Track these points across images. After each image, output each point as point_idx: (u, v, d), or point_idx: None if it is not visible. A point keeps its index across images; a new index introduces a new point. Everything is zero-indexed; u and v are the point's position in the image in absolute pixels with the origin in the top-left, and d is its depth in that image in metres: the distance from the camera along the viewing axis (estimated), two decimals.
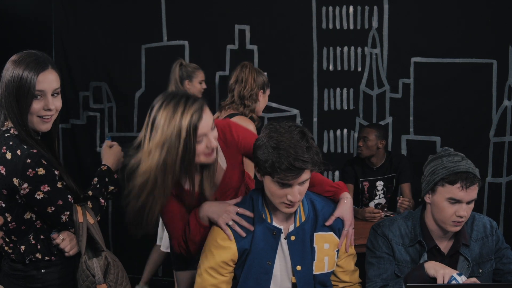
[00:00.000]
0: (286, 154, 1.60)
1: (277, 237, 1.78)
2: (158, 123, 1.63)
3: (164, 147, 1.62)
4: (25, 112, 1.64)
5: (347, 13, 3.77)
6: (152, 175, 1.65)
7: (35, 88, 1.64)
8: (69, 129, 4.04)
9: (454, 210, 1.78)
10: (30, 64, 1.64)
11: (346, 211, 1.85)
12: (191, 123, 1.62)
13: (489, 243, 1.90)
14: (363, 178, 3.56)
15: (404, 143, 3.84)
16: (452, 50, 3.70)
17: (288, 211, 1.73)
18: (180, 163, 1.66)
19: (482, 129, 3.75)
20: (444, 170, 1.78)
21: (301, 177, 1.64)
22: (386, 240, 1.90)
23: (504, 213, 3.80)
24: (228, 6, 3.83)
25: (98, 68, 3.97)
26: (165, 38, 3.89)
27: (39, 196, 1.64)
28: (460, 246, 1.85)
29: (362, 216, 3.19)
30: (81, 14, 3.93)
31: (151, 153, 1.64)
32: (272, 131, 1.67)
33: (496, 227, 1.94)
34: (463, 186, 1.75)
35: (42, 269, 1.72)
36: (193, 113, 1.63)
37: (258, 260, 1.77)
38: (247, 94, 2.79)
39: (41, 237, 1.73)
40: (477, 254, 1.88)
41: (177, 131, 1.61)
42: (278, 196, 1.68)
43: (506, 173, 3.77)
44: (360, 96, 3.84)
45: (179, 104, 1.63)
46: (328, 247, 1.82)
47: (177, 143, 1.62)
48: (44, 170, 1.63)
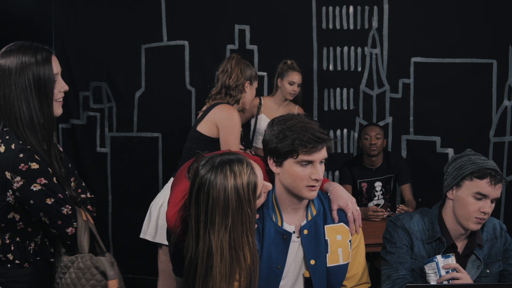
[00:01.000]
0: (305, 129, 1.64)
1: (288, 240, 1.76)
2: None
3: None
4: (49, 102, 1.63)
5: (347, 13, 3.77)
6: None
7: (53, 72, 1.64)
8: (69, 129, 4.04)
9: (479, 206, 1.79)
10: (35, 50, 1.64)
11: (339, 199, 1.84)
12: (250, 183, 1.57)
13: (498, 244, 1.91)
14: (361, 179, 3.56)
15: (404, 143, 3.84)
16: (452, 50, 3.70)
17: (313, 195, 1.71)
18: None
19: (482, 129, 3.75)
20: (473, 165, 1.82)
21: (323, 152, 1.67)
22: (406, 233, 1.91)
23: (504, 213, 3.80)
24: (228, 6, 3.83)
25: (98, 68, 3.96)
26: (165, 38, 3.89)
27: (36, 188, 1.57)
28: (475, 246, 1.87)
29: (365, 215, 3.17)
30: (81, 14, 3.93)
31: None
32: (277, 120, 1.71)
33: (505, 229, 1.95)
34: (492, 182, 1.78)
35: (9, 264, 1.64)
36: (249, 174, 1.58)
37: (268, 264, 1.75)
38: (232, 84, 2.79)
39: (16, 239, 1.64)
40: (486, 254, 1.89)
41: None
42: (302, 178, 1.67)
43: (506, 173, 3.77)
44: (360, 96, 3.84)
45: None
46: (341, 238, 1.81)
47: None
48: (38, 164, 1.57)
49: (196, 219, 1.56)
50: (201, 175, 1.55)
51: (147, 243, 2.87)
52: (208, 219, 1.53)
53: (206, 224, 1.54)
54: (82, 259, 1.65)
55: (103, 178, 4.04)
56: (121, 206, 4.03)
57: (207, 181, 1.53)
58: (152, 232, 2.78)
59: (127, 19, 3.89)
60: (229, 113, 2.72)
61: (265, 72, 3.86)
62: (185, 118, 3.90)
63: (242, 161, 1.57)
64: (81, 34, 3.93)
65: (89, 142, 4.03)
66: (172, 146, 3.92)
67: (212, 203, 1.52)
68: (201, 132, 2.74)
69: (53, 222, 1.63)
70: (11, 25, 3.86)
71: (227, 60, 2.90)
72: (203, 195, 1.53)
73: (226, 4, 3.83)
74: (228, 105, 2.78)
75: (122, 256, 4.05)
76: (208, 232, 1.53)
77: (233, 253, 1.54)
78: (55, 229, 1.65)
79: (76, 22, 3.93)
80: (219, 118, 2.71)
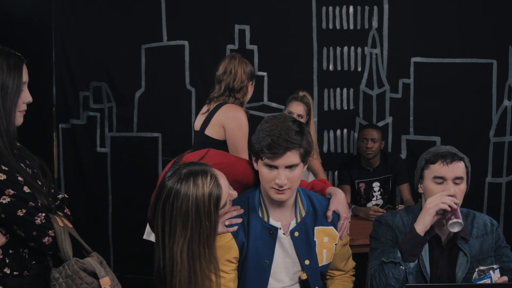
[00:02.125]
0: (275, 134, 1.67)
1: (274, 235, 1.79)
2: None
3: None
4: (12, 110, 1.57)
5: (347, 13, 3.77)
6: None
7: (22, 80, 1.58)
8: (69, 129, 4.04)
9: (442, 190, 1.82)
10: (7, 55, 1.58)
11: (340, 204, 1.89)
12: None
13: (489, 240, 1.91)
14: (359, 179, 3.56)
15: (404, 143, 3.84)
16: (452, 50, 3.70)
17: (278, 198, 1.74)
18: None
19: (482, 129, 3.75)
20: (427, 154, 1.90)
21: (287, 158, 1.67)
22: (390, 229, 1.94)
23: (504, 213, 3.80)
24: (228, 6, 3.82)
25: (98, 68, 3.96)
26: (165, 38, 3.89)
27: (5, 201, 1.50)
28: (458, 238, 1.87)
29: (365, 214, 3.17)
30: (81, 14, 3.93)
31: None
32: (269, 118, 1.75)
33: (497, 225, 1.96)
34: (444, 163, 1.82)
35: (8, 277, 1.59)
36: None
37: (256, 259, 1.78)
38: (237, 87, 2.68)
39: (9, 252, 1.59)
40: (477, 251, 1.89)
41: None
42: (267, 180, 1.72)
43: (506, 173, 3.77)
44: (360, 96, 3.84)
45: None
46: (328, 240, 1.85)
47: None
48: (5, 175, 1.51)
49: (162, 229, 1.60)
50: (168, 187, 1.59)
51: (147, 243, 2.87)
52: (172, 229, 1.58)
53: (170, 234, 1.59)
54: (68, 266, 1.61)
55: (103, 178, 4.04)
56: (121, 206, 4.03)
57: (173, 192, 1.58)
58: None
59: (127, 19, 3.89)
60: (235, 112, 2.60)
61: (265, 72, 3.86)
62: (185, 118, 3.90)
63: (207, 173, 1.61)
64: (81, 34, 3.93)
65: (89, 142, 4.03)
66: (172, 146, 3.92)
67: (175, 214, 1.57)
68: (210, 136, 2.62)
69: (28, 234, 1.57)
70: (11, 25, 3.87)
71: (228, 59, 2.76)
72: (168, 205, 1.58)
73: (226, 4, 3.83)
74: (233, 105, 2.66)
75: (122, 256, 4.06)
76: (172, 242, 1.58)
77: (191, 263, 1.59)
78: (32, 242, 1.59)
79: (76, 22, 3.93)
80: (225, 119, 2.59)
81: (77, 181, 4.08)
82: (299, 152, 1.69)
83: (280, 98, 3.84)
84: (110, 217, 4.07)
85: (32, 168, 1.66)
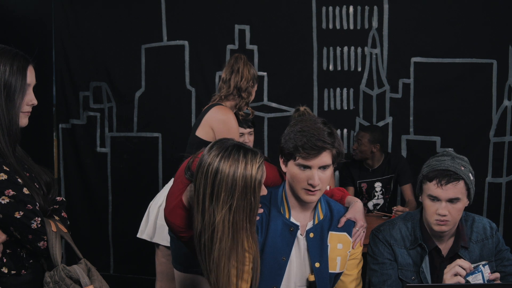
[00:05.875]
0: (309, 135, 1.68)
1: (294, 233, 1.80)
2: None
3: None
4: (16, 111, 1.58)
5: (347, 13, 3.77)
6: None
7: (26, 82, 1.58)
8: (69, 129, 4.05)
9: (435, 209, 1.79)
10: (13, 56, 1.58)
11: (358, 213, 1.88)
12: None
13: (489, 245, 1.89)
14: (361, 179, 3.58)
15: (404, 143, 3.84)
16: (452, 50, 3.69)
17: (309, 199, 1.75)
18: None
19: (482, 129, 3.75)
20: (426, 169, 1.83)
21: (322, 159, 1.69)
22: (387, 246, 1.90)
23: (504, 213, 3.80)
24: (228, 6, 3.83)
25: (98, 68, 3.97)
26: (165, 38, 3.89)
27: (4, 201, 1.51)
28: (459, 248, 1.85)
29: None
30: (81, 14, 3.93)
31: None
32: (298, 121, 1.77)
33: (496, 229, 1.93)
34: (438, 184, 1.76)
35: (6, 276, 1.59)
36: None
37: (273, 254, 1.79)
38: (243, 87, 2.67)
39: (7, 251, 1.59)
40: (477, 256, 1.87)
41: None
42: (300, 180, 1.72)
43: (506, 173, 3.77)
44: (360, 96, 3.84)
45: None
46: (342, 247, 1.84)
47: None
48: (6, 175, 1.52)
49: (203, 192, 1.59)
50: (212, 155, 1.59)
51: (147, 243, 2.87)
52: (214, 193, 1.57)
53: (212, 199, 1.58)
54: (56, 272, 1.60)
55: (103, 178, 4.04)
56: (121, 206, 4.03)
57: (217, 160, 1.58)
58: (150, 232, 2.74)
59: (127, 19, 3.89)
60: (224, 115, 2.58)
61: (265, 72, 3.86)
62: (185, 118, 3.90)
63: (257, 153, 1.62)
64: (81, 34, 3.94)
65: (89, 142, 4.04)
66: (172, 146, 3.92)
67: (220, 179, 1.56)
68: (200, 137, 2.60)
69: (24, 236, 1.57)
70: (11, 25, 3.87)
71: (235, 59, 2.73)
72: (212, 170, 1.57)
73: (226, 4, 3.83)
74: (223, 107, 2.63)
75: (122, 256, 4.06)
76: (213, 207, 1.58)
77: (234, 233, 1.59)
78: (27, 244, 1.59)
79: (76, 22, 3.93)
80: (214, 121, 2.58)
81: (77, 181, 4.08)
82: (332, 153, 1.72)
83: (280, 98, 3.84)
84: (110, 217, 4.07)
85: (31, 172, 1.67)
